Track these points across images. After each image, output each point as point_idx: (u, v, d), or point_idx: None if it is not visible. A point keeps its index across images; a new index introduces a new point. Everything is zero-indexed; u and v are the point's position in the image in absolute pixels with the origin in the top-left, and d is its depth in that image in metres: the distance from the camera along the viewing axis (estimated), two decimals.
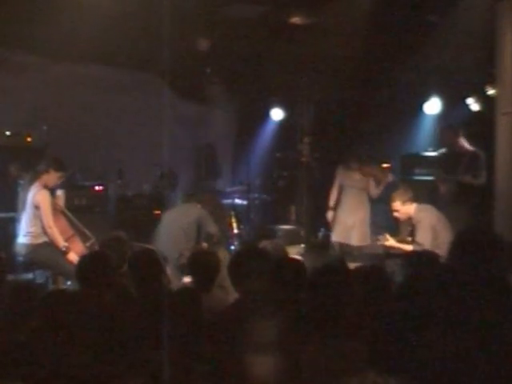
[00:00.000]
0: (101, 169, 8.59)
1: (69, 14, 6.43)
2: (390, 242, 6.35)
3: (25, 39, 7.42)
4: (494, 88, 6.92)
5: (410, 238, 6.38)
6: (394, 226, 6.93)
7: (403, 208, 6.28)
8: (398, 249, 6.22)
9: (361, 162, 7.57)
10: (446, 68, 8.02)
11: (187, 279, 5.66)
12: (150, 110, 8.79)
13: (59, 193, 6.19)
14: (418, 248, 5.88)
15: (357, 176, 7.60)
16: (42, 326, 3.14)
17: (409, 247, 6.12)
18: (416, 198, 6.44)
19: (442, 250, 5.02)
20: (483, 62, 7.20)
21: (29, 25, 6.87)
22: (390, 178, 7.70)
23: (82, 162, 8.00)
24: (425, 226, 6.11)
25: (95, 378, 2.83)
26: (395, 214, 6.39)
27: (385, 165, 8.23)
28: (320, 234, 8.85)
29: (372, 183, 7.57)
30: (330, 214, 7.75)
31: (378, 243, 6.60)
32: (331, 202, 7.74)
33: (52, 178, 5.96)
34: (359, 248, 7.46)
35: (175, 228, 6.54)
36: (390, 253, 6.40)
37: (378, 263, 6.01)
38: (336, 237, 7.67)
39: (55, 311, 3.18)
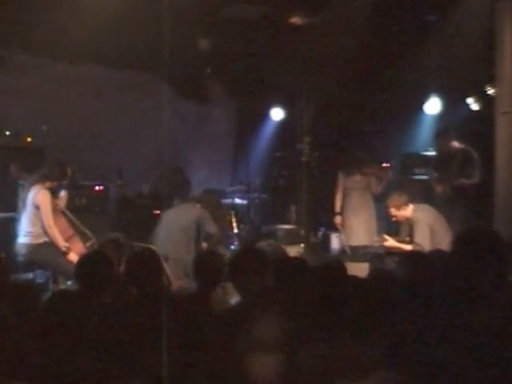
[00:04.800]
0: (101, 169, 8.59)
1: (69, 14, 6.44)
2: (390, 242, 6.39)
3: (25, 39, 7.42)
4: (493, 88, 6.93)
5: (408, 238, 6.40)
6: (395, 226, 6.96)
7: (399, 213, 6.36)
8: (398, 248, 6.25)
9: (359, 163, 7.63)
10: (445, 68, 8.02)
11: (182, 281, 5.69)
12: (150, 110, 8.79)
13: (62, 194, 6.20)
14: (416, 248, 5.91)
15: (358, 177, 7.65)
16: (42, 326, 3.15)
17: (408, 247, 6.15)
18: (415, 198, 6.48)
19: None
20: (483, 62, 7.20)
21: (29, 25, 6.87)
22: (390, 175, 7.80)
23: (82, 162, 8.00)
24: (422, 226, 6.16)
25: (95, 378, 2.83)
26: (392, 218, 6.46)
27: (384, 164, 8.27)
28: (320, 234, 8.86)
29: (374, 181, 7.63)
30: (337, 219, 7.81)
31: (376, 244, 6.64)
32: (337, 207, 7.81)
33: (53, 183, 5.98)
34: (365, 247, 7.50)
35: (175, 228, 6.53)
36: (389, 252, 6.42)
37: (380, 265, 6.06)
38: (344, 239, 7.76)
39: (56, 311, 3.18)
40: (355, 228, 7.64)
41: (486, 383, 2.48)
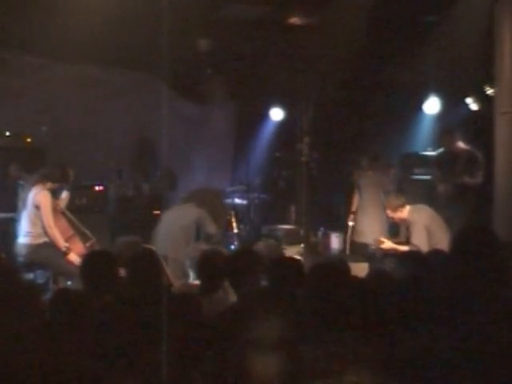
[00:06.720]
0: (101, 169, 8.59)
1: (68, 15, 6.44)
2: (386, 244, 6.40)
3: (25, 39, 7.42)
4: (492, 88, 6.93)
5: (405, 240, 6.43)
6: (395, 226, 6.99)
7: (396, 214, 6.38)
8: (395, 250, 6.26)
9: (370, 160, 7.85)
10: (445, 68, 8.03)
11: (182, 281, 5.69)
12: (150, 110, 8.79)
13: (64, 194, 6.22)
14: (413, 249, 5.91)
15: (369, 173, 7.85)
16: (43, 326, 3.15)
17: (405, 248, 6.14)
18: (415, 198, 6.49)
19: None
20: (482, 62, 7.21)
21: (29, 25, 6.88)
22: (393, 171, 8.00)
23: (82, 162, 8.00)
24: (418, 227, 6.17)
25: (96, 377, 2.84)
26: (390, 219, 6.51)
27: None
28: (320, 234, 8.87)
29: (385, 179, 7.76)
30: (351, 218, 8.00)
31: (373, 247, 6.66)
32: (353, 206, 7.99)
33: (54, 184, 6.00)
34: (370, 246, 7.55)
35: (174, 228, 6.53)
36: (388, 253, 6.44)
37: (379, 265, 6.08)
38: (354, 237, 7.87)
39: (57, 310, 3.19)
40: (364, 225, 7.72)
41: (482, 382, 2.49)
